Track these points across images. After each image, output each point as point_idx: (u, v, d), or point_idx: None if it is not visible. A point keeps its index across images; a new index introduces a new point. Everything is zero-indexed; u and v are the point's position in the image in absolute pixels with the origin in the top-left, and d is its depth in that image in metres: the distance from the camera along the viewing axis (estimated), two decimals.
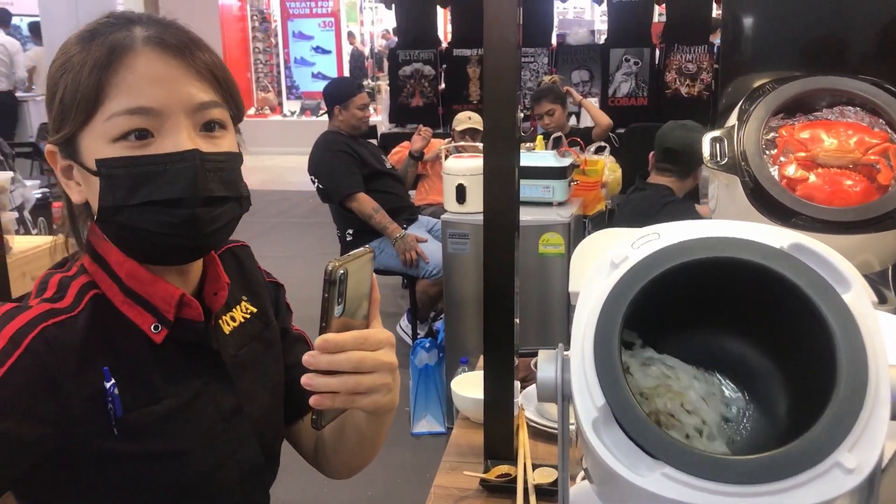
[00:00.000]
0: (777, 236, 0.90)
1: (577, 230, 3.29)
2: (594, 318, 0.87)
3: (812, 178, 1.28)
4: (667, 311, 0.94)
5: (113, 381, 0.90)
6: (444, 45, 7.09)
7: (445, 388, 3.46)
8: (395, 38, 13.75)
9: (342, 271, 0.86)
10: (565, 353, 0.95)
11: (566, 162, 3.30)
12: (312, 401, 0.86)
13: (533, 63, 6.70)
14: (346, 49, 13.34)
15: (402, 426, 3.51)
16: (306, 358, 0.86)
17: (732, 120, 1.37)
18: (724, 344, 0.99)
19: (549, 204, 3.26)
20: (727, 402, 0.98)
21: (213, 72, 0.93)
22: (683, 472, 0.80)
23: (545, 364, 0.96)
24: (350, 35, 13.65)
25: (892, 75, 1.39)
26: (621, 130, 5.73)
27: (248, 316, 1.08)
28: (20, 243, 1.61)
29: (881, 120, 1.34)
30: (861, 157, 1.28)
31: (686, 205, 3.15)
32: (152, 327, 0.95)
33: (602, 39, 7.11)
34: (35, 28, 7.82)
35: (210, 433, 0.98)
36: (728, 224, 0.93)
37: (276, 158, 11.06)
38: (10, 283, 1.51)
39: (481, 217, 3.23)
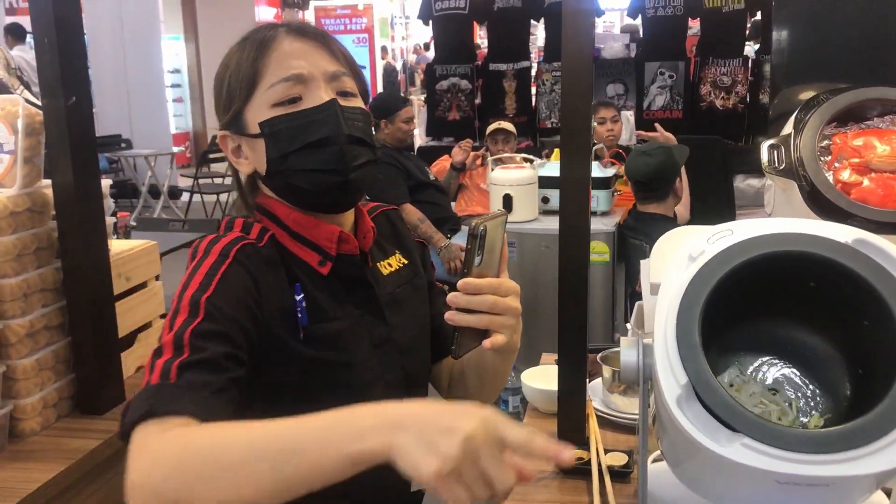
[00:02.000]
0: (841, 232, 0.99)
1: (621, 238, 3.37)
2: (675, 306, 0.96)
3: (866, 182, 1.36)
4: (739, 302, 1.02)
5: (302, 295, 1.09)
6: (480, 60, 7.21)
7: None
8: (425, 54, 13.95)
9: (482, 228, 0.99)
10: (645, 340, 1.05)
11: (609, 173, 3.39)
12: (448, 316, 1.01)
13: None
14: (380, 64, 13.52)
15: None
16: (450, 297, 1.01)
17: (788, 128, 1.46)
18: (792, 333, 1.08)
19: (594, 213, 3.34)
20: (795, 387, 1.07)
21: (343, 53, 1.17)
22: (762, 442, 0.88)
23: (628, 350, 1.05)
24: (383, 50, 13.83)
25: None
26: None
27: (401, 266, 1.26)
28: (116, 246, 1.73)
29: None
30: None
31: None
32: (318, 262, 1.13)
33: (633, 52, 7.19)
34: (13, 29, 7.86)
35: (365, 354, 1.14)
36: (795, 222, 1.02)
37: None
38: (112, 282, 1.63)
39: (528, 225, 3.33)
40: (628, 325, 2.17)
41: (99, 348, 1.57)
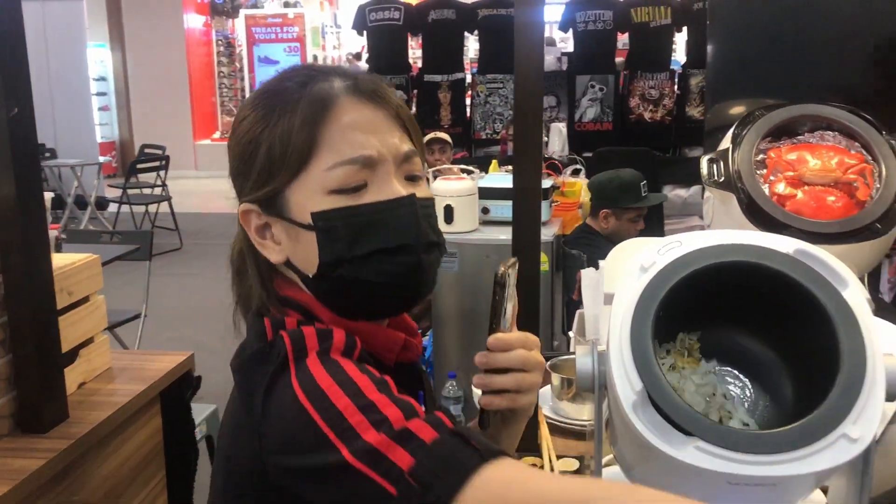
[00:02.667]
0: (784, 243, 1.05)
1: (558, 249, 3.44)
2: (629, 315, 1.00)
3: (799, 194, 1.44)
4: (688, 310, 1.07)
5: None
6: (415, 71, 7.25)
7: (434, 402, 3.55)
8: (357, 63, 13.93)
9: (508, 275, 0.93)
10: (599, 348, 1.08)
11: (547, 183, 3.45)
12: (484, 401, 0.90)
13: (503, 89, 6.89)
14: None
15: None
16: (480, 358, 0.90)
17: (726, 143, 1.53)
18: (737, 340, 1.13)
19: None
20: (740, 390, 1.12)
21: (401, 115, 0.92)
22: (714, 444, 0.93)
23: (583, 358, 1.08)
24: (314, 59, 13.77)
25: (866, 103, 1.56)
26: (588, 154, 5.93)
27: None
28: (57, 260, 1.70)
29: (857, 143, 1.50)
30: (842, 176, 1.43)
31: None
32: None
33: (565, 65, 7.33)
34: None
35: None
36: (740, 233, 1.07)
37: None
38: (55, 297, 1.59)
39: (469, 236, 3.36)
40: (571, 334, 2.23)
41: (42, 364, 1.53)
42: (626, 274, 1.05)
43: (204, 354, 3.38)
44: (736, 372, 1.13)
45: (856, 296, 1.00)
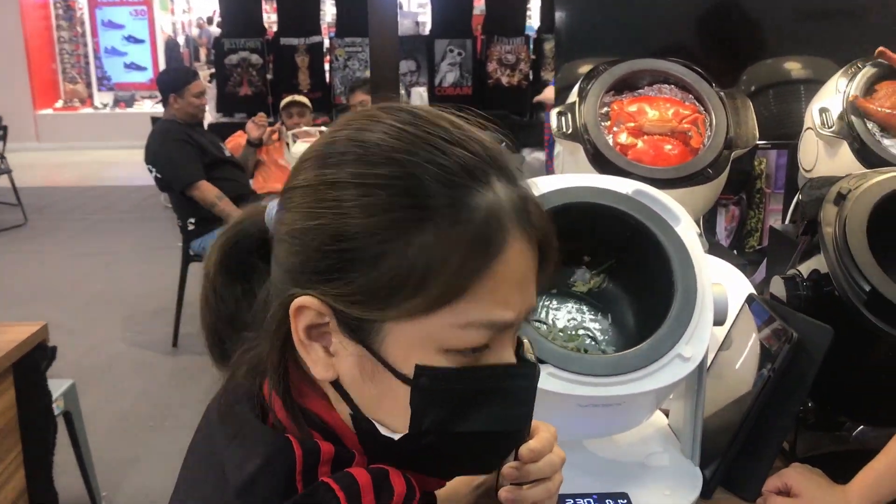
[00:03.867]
0: (623, 184, 1.13)
1: None
2: None
3: (640, 144, 1.54)
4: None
5: None
6: (271, 34, 7.08)
7: None
8: (208, 28, 13.42)
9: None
10: None
11: None
12: (507, 497, 0.76)
13: (361, 53, 6.84)
14: (161, 38, 12.86)
15: None
16: (511, 472, 0.75)
17: (573, 97, 1.61)
18: (585, 275, 1.21)
19: None
20: (586, 321, 1.21)
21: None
22: (565, 370, 1.00)
23: None
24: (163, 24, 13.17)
25: (699, 60, 1.68)
26: None
27: None
28: None
29: (690, 95, 1.62)
30: (677, 126, 1.55)
31: None
32: None
33: (427, 30, 7.37)
34: None
35: None
36: (585, 176, 1.15)
37: (91, 153, 10.52)
38: None
39: None
40: None
41: None
42: None
43: (59, 333, 3.24)
44: (587, 307, 1.22)
45: (687, 231, 1.10)
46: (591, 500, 1.11)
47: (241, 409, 0.68)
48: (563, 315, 1.19)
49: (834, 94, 1.56)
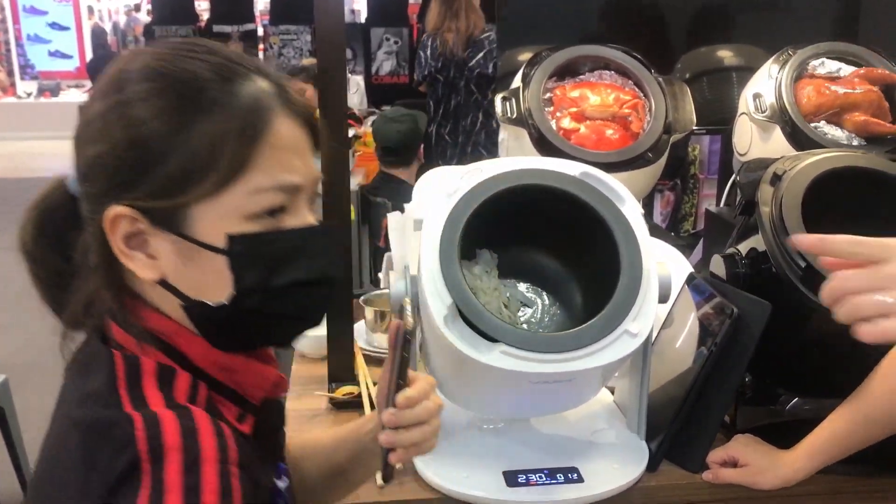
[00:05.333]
0: (570, 167, 1.16)
1: (363, 199, 3.48)
2: (437, 238, 1.07)
3: (582, 129, 1.57)
4: (491, 231, 1.16)
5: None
6: (203, 22, 6.96)
7: None
8: (136, 15, 13.08)
9: (411, 327, 0.92)
10: (411, 272, 1.15)
11: (349, 133, 3.48)
12: (395, 458, 0.86)
13: (296, 41, 6.78)
14: (87, 25, 12.49)
15: None
16: (389, 418, 0.85)
17: (517, 82, 1.63)
18: (534, 258, 1.24)
19: None
20: (539, 302, 1.23)
21: (314, 130, 0.82)
22: (516, 347, 1.02)
23: (396, 282, 1.14)
24: (89, 10, 12.79)
25: (638, 47, 1.73)
26: (387, 107, 5.99)
27: None
28: None
29: (630, 81, 1.66)
30: (618, 111, 1.58)
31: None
32: (237, 417, 0.80)
33: (362, 18, 7.33)
34: None
35: None
36: (534, 159, 1.18)
37: (17, 144, 10.19)
38: None
39: None
40: (381, 275, 2.29)
41: None
42: (433, 200, 1.12)
43: None
44: (534, 287, 1.25)
45: (632, 211, 1.13)
46: (543, 475, 1.13)
47: (88, 349, 0.79)
48: (513, 294, 1.21)
49: (766, 80, 1.62)
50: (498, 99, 1.59)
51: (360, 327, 1.63)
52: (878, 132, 1.54)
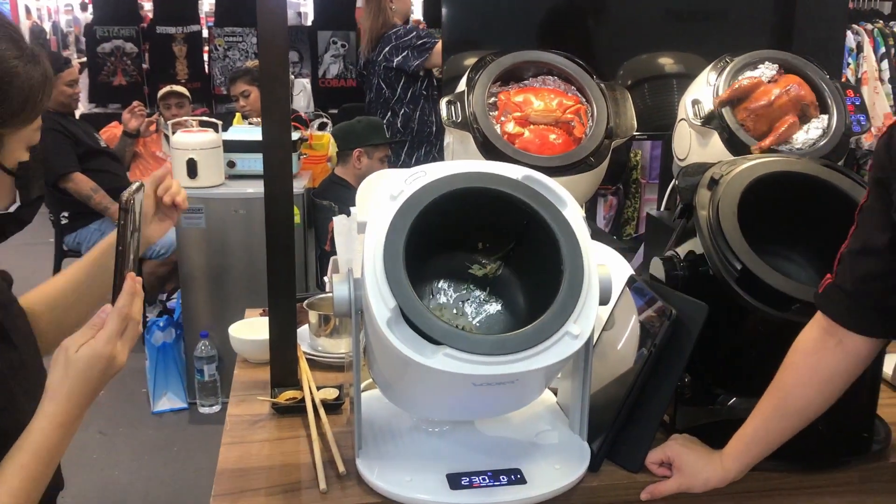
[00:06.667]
0: (513, 170, 1.16)
1: (309, 202, 3.46)
2: (382, 240, 1.07)
3: (526, 133, 1.59)
4: (436, 235, 1.16)
5: None
6: (146, 22, 6.83)
7: (186, 364, 3.47)
8: (76, 14, 12.77)
9: (135, 200, 1.03)
10: (355, 275, 1.14)
11: (295, 136, 3.45)
12: None
13: (242, 43, 6.69)
14: (25, 25, 12.15)
15: (142, 407, 3.47)
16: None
17: (462, 86, 1.64)
18: (478, 260, 1.24)
19: None
20: (480, 305, 1.24)
21: None
22: (460, 350, 1.03)
23: (339, 285, 1.14)
24: (27, 10, 12.45)
25: (583, 52, 1.75)
26: (334, 111, 5.96)
27: None
28: None
29: (573, 86, 1.68)
30: (561, 116, 1.60)
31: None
32: None
33: (309, 21, 7.28)
34: None
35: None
36: (477, 162, 1.18)
37: None
38: None
39: (215, 191, 3.28)
40: (326, 279, 2.28)
41: None
42: (377, 203, 1.12)
43: None
44: (480, 290, 1.25)
45: (574, 214, 1.14)
46: (486, 477, 1.14)
47: None
48: (457, 297, 1.22)
49: (705, 87, 1.65)
50: (443, 103, 1.60)
51: (303, 331, 1.62)
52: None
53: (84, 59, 6.97)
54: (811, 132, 1.60)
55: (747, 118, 1.59)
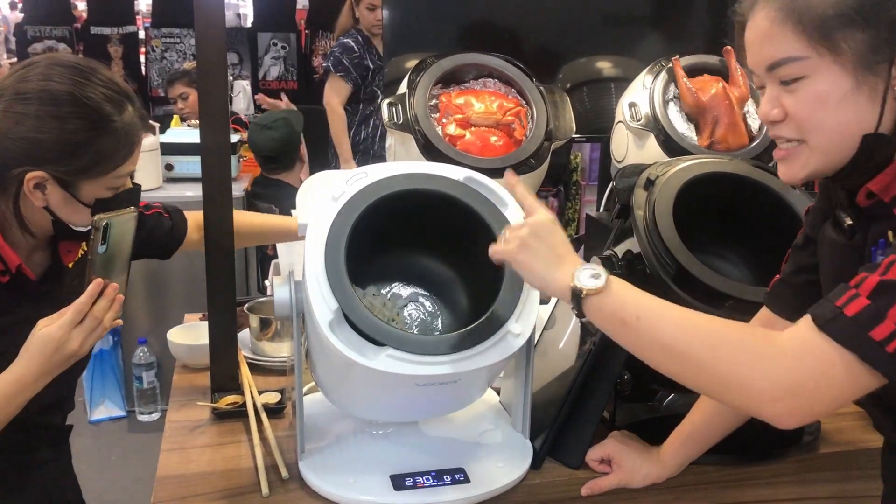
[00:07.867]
0: (455, 171, 1.17)
1: (249, 204, 3.41)
2: (323, 242, 1.07)
3: (468, 135, 1.60)
4: (377, 236, 1.16)
5: None
6: (81, 22, 6.67)
7: (124, 371, 3.39)
8: (6, 14, 12.40)
9: (105, 222, 1.10)
10: (296, 278, 1.14)
11: (234, 138, 3.41)
12: None
13: (179, 44, 6.58)
14: None
15: (79, 416, 3.38)
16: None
17: (403, 88, 1.64)
18: (420, 261, 1.25)
19: None
20: (424, 304, 1.24)
21: None
22: (402, 350, 1.03)
23: (280, 288, 1.13)
24: None
25: (523, 55, 1.77)
26: (258, 114, 5.90)
27: None
28: None
29: (513, 89, 1.70)
30: (502, 118, 1.62)
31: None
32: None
33: (248, 23, 7.19)
34: None
35: None
36: (419, 164, 1.18)
37: None
38: None
39: (152, 194, 3.21)
40: (267, 283, 2.25)
41: None
42: (318, 204, 1.11)
43: None
44: (422, 290, 1.25)
45: (515, 215, 1.15)
46: (430, 477, 1.14)
47: None
48: (400, 298, 1.22)
49: (641, 90, 1.69)
50: (384, 104, 1.60)
51: (244, 336, 1.60)
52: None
53: (14, 59, 6.76)
54: None
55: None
